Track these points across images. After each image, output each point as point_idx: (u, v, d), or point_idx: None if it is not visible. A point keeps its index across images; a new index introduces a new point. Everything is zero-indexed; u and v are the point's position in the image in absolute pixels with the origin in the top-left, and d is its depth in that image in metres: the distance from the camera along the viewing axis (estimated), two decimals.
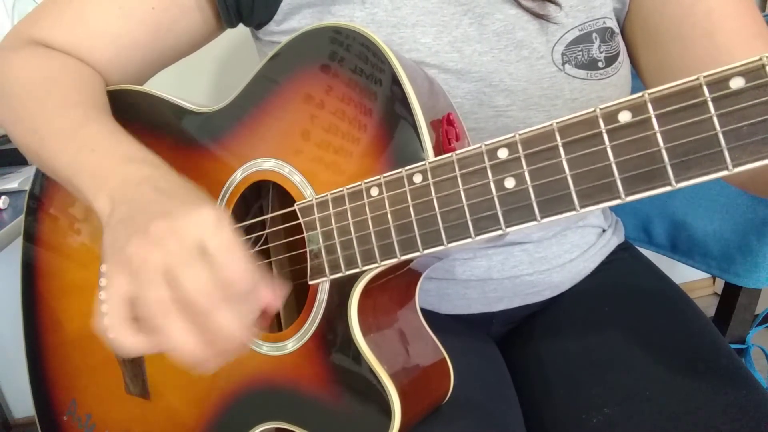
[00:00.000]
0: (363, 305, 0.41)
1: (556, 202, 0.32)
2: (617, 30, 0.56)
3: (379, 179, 0.38)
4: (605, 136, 0.30)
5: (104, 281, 0.37)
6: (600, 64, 0.53)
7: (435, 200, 0.36)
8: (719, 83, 0.27)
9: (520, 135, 0.33)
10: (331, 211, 0.40)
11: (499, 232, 0.34)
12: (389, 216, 0.38)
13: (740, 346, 0.79)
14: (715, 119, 0.27)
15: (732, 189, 0.73)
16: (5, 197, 0.80)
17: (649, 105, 0.29)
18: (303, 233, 0.42)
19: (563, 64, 0.53)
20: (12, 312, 0.62)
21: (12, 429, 1.38)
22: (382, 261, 0.38)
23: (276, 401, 0.46)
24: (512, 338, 0.67)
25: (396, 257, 0.37)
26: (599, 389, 0.53)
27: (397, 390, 0.40)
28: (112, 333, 0.36)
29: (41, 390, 0.62)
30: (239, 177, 0.48)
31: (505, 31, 0.52)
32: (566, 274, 0.63)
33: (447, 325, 0.61)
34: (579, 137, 0.31)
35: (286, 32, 0.54)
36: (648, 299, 0.62)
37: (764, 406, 0.47)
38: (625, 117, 0.29)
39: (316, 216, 0.41)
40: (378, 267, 0.39)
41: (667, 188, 0.29)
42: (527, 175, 0.32)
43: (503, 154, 0.33)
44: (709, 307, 0.87)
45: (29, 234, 0.62)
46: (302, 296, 0.45)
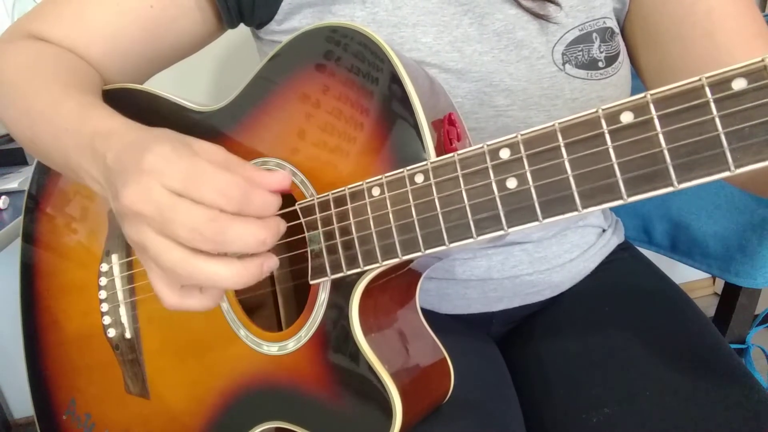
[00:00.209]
0: (364, 305, 0.41)
1: (558, 203, 0.32)
2: (617, 30, 0.56)
3: (381, 179, 0.38)
4: (607, 137, 0.30)
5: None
6: (600, 64, 0.53)
7: (437, 200, 0.36)
8: (721, 84, 0.27)
9: (522, 135, 0.32)
10: (333, 211, 0.40)
11: (501, 233, 0.34)
12: (391, 216, 0.37)
13: (740, 346, 0.79)
14: (718, 120, 0.27)
15: (732, 189, 0.73)
16: (5, 197, 0.80)
17: (652, 106, 0.29)
18: (304, 233, 0.42)
19: (563, 64, 0.53)
20: (12, 312, 0.62)
21: (12, 429, 1.38)
22: (384, 261, 0.38)
23: (276, 401, 0.46)
24: (512, 338, 0.67)
25: (398, 257, 0.37)
26: (599, 389, 0.53)
27: (398, 389, 0.40)
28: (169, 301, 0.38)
29: (40, 389, 0.61)
30: None
31: (506, 31, 0.53)
32: (566, 274, 0.63)
33: (447, 325, 0.61)
34: (581, 138, 0.31)
35: (287, 32, 0.54)
36: (648, 299, 0.62)
37: (764, 406, 0.47)
38: (628, 118, 0.29)
39: (318, 216, 0.41)
40: (379, 267, 0.39)
41: (669, 189, 0.28)
42: (529, 176, 0.32)
43: (505, 155, 0.33)
44: (709, 307, 0.87)
45: (27, 234, 0.62)
46: (303, 296, 0.44)
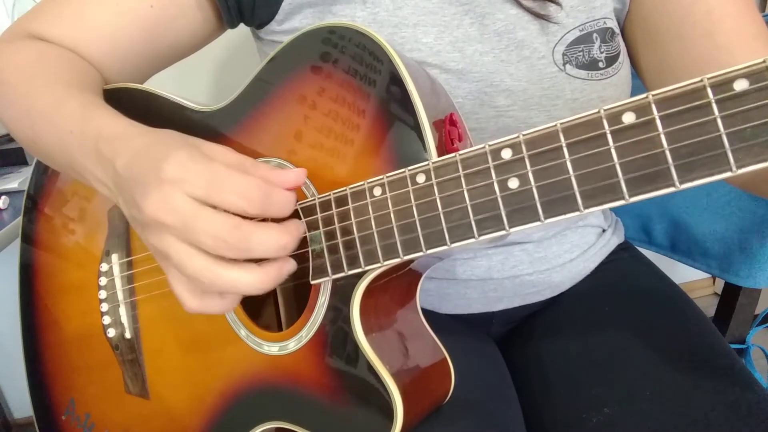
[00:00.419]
0: (365, 305, 0.41)
1: (560, 203, 0.32)
2: (618, 30, 0.56)
3: (382, 179, 0.38)
4: (609, 137, 0.30)
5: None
6: (600, 65, 0.54)
7: (438, 200, 0.36)
8: (723, 85, 0.27)
9: (524, 135, 0.32)
10: (334, 211, 0.40)
11: (503, 233, 0.34)
12: (392, 216, 0.37)
13: (740, 346, 0.79)
14: (719, 121, 0.27)
15: (732, 189, 0.73)
16: (5, 197, 0.80)
17: (653, 106, 0.29)
18: (305, 233, 0.42)
19: (564, 65, 0.53)
20: (12, 312, 0.62)
21: (12, 429, 1.37)
22: (385, 261, 0.38)
23: (277, 401, 0.46)
24: (512, 338, 0.67)
25: (399, 257, 0.37)
26: (599, 389, 0.53)
27: (399, 390, 0.40)
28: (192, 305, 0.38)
29: (40, 390, 0.61)
30: None
31: (506, 31, 0.53)
32: (566, 274, 0.63)
33: (447, 325, 0.61)
34: (583, 138, 0.31)
35: (288, 32, 0.54)
36: (648, 299, 0.63)
37: (764, 406, 0.47)
38: (629, 118, 0.29)
39: (319, 216, 0.41)
40: (381, 267, 0.39)
41: (671, 189, 0.29)
42: (531, 176, 0.32)
43: (507, 155, 0.33)
44: (709, 307, 0.88)
45: (27, 234, 0.62)
46: (303, 296, 0.44)
